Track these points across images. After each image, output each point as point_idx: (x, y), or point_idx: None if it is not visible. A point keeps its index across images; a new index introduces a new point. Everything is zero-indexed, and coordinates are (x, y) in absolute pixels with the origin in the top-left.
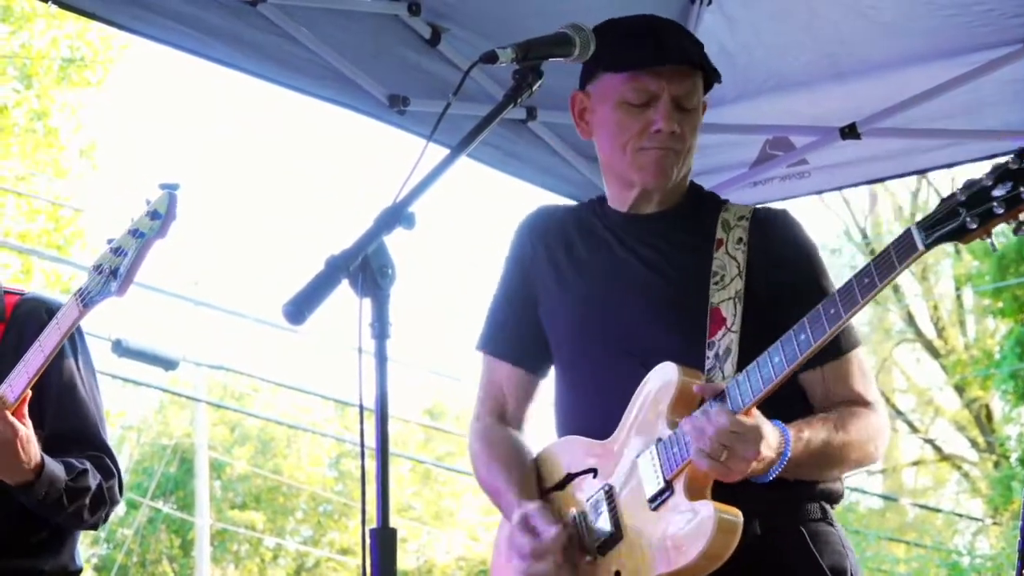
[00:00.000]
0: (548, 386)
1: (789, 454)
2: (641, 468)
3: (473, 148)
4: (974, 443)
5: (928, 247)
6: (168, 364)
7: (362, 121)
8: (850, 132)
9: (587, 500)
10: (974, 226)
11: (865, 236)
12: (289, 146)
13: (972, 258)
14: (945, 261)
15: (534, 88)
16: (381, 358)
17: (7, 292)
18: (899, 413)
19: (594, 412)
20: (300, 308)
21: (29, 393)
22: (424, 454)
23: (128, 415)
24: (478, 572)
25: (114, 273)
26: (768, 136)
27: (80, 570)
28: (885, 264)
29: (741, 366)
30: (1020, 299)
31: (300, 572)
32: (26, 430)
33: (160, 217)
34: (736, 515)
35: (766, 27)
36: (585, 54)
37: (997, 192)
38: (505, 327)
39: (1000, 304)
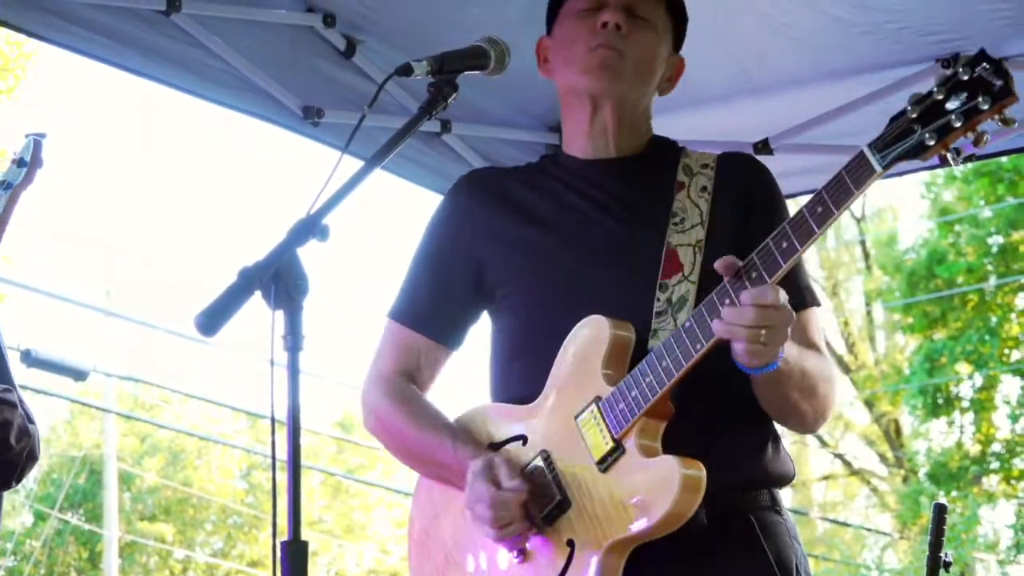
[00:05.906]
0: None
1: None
2: (583, 429)
3: (388, 160)
4: (883, 458)
5: (886, 167)
6: (78, 374)
7: (277, 132)
8: (763, 147)
9: (523, 470)
10: (932, 142)
11: None
12: (203, 156)
13: (883, 274)
14: (856, 277)
15: (449, 101)
16: (293, 370)
17: None
18: None
19: (537, 374)
20: (212, 319)
21: None
22: (335, 467)
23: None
24: None
25: None
26: None
27: None
28: (840, 189)
29: None
30: (930, 315)
31: None
32: None
33: (25, 164)
34: (699, 469)
35: None
36: (500, 67)
37: (951, 105)
38: (428, 297)
39: (910, 320)
